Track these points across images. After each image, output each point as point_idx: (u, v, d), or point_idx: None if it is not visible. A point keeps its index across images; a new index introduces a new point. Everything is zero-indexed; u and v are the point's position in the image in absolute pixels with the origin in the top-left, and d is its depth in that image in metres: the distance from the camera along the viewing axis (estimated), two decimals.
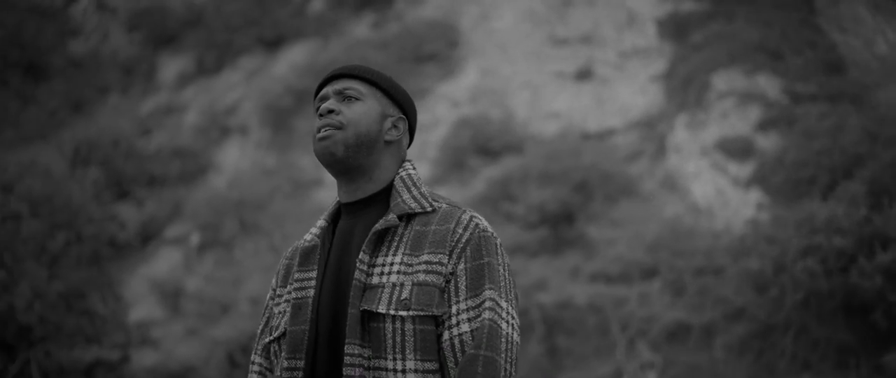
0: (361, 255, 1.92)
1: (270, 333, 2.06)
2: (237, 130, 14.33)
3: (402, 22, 14.74)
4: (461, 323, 1.87)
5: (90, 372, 8.68)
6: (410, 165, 2.09)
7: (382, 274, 1.91)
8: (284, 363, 1.94)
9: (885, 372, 7.02)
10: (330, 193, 11.82)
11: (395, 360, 1.86)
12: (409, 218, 1.98)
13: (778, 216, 8.22)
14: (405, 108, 2.11)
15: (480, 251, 1.92)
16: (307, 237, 2.06)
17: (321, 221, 2.08)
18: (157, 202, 13.11)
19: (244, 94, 14.84)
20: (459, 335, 1.86)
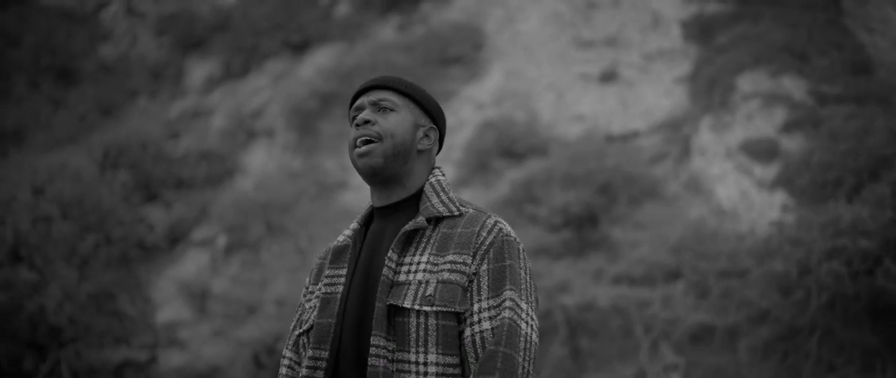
0: (390, 253, 2.02)
1: (300, 326, 2.17)
2: (263, 133, 14.44)
3: (427, 25, 14.78)
4: (482, 320, 1.96)
5: (119, 372, 8.81)
6: (440, 172, 2.20)
7: (409, 272, 2.01)
8: (310, 353, 2.04)
9: None
10: (355, 196, 11.89)
11: (418, 352, 1.95)
12: (437, 221, 2.08)
13: (803, 218, 8.16)
14: (436, 117, 2.23)
15: (503, 254, 2.01)
16: (340, 238, 2.18)
17: (354, 224, 2.19)
18: (184, 205, 13.23)
19: (270, 97, 14.94)
20: (481, 332, 1.95)
